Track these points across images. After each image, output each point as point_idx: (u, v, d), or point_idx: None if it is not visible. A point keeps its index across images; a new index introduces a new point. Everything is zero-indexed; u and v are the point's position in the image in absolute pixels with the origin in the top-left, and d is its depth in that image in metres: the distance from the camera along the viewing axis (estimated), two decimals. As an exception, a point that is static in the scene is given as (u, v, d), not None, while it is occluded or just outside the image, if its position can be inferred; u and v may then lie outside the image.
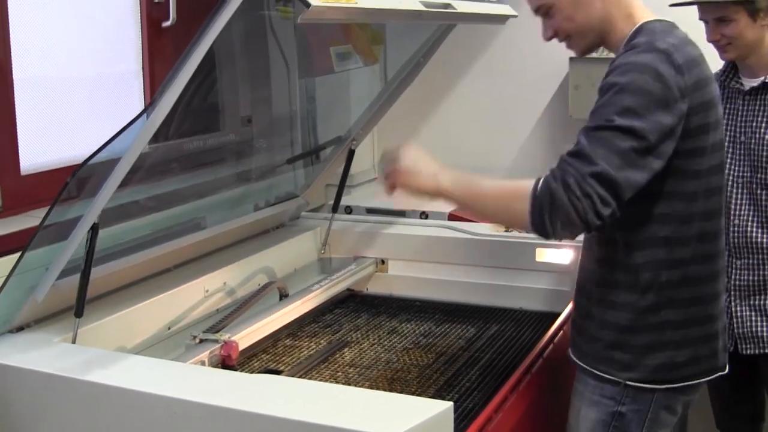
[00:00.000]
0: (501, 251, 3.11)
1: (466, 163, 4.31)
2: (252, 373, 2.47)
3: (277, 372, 2.45)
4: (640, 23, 2.18)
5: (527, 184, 2.09)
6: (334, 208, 3.27)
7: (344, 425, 1.66)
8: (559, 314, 2.75)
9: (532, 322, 2.93)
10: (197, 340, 2.42)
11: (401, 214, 3.59)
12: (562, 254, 3.03)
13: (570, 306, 2.77)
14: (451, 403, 1.77)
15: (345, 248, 3.30)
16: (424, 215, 3.57)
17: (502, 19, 3.04)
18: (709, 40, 2.90)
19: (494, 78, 4.29)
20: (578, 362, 2.30)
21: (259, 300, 2.73)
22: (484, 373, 2.52)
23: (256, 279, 2.88)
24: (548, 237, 2.08)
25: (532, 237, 3.06)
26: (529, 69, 4.22)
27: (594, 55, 4.00)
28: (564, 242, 3.02)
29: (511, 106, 4.29)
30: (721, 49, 2.90)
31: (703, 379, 2.23)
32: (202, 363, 2.33)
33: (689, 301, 2.17)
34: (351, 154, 3.20)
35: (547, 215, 2.03)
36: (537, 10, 2.34)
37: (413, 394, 2.36)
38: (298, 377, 2.45)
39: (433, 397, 2.34)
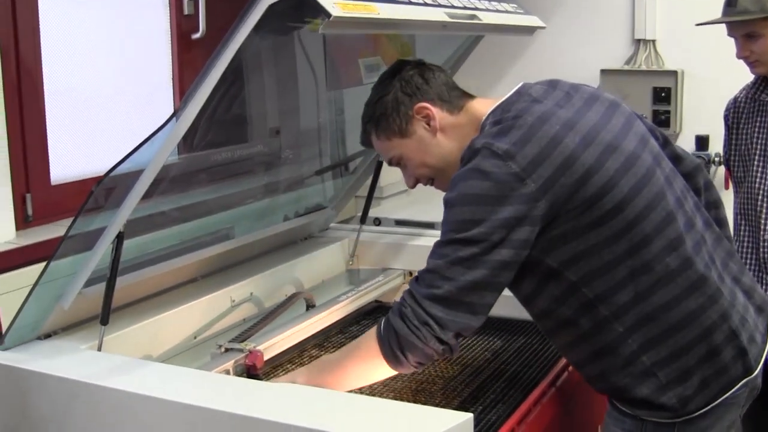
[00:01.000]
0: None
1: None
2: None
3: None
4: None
5: (369, 332, 2.11)
6: (363, 220, 3.27)
7: (361, 435, 1.67)
8: (586, 327, 2.73)
9: (559, 334, 2.91)
10: (223, 349, 2.43)
11: (430, 226, 3.59)
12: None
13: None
14: (471, 415, 1.77)
15: (373, 260, 3.30)
16: (452, 227, 3.56)
17: (529, 30, 3.04)
18: (739, 57, 2.89)
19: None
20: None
21: (286, 310, 2.74)
22: (509, 385, 2.51)
23: (283, 289, 2.89)
24: (408, 370, 2.09)
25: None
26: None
27: (626, 67, 4.04)
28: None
29: (541, 119, 4.28)
30: (752, 65, 2.89)
31: (723, 397, 2.12)
32: (227, 372, 2.34)
33: (661, 334, 2.07)
34: (379, 165, 3.19)
35: (399, 351, 2.03)
36: (389, 162, 2.33)
37: (437, 405, 2.36)
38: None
39: (457, 408, 2.34)
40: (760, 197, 2.91)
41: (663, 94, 3.91)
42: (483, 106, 2.18)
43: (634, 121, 2.20)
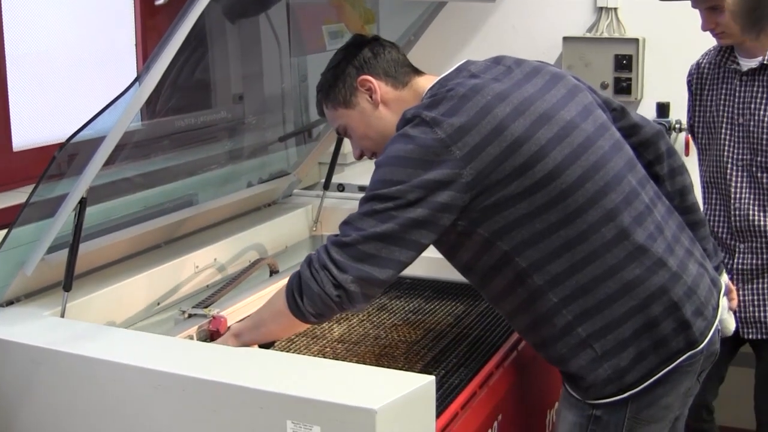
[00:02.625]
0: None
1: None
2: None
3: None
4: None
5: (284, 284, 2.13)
6: (326, 186, 3.27)
7: (324, 398, 1.68)
8: (547, 292, 2.76)
9: (521, 299, 2.94)
10: (186, 315, 2.44)
11: (393, 192, 3.60)
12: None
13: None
14: (433, 377, 1.79)
15: (336, 226, 3.22)
16: (415, 193, 3.57)
17: (492, -2, 3.05)
18: (704, 29, 2.89)
19: (487, 57, 4.29)
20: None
21: (249, 276, 2.76)
22: (471, 349, 2.53)
23: (246, 255, 2.90)
24: (306, 320, 2.09)
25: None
26: (522, 49, 4.18)
27: (588, 34, 4.05)
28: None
29: (504, 86, 4.28)
30: (718, 36, 2.88)
31: (666, 369, 2.11)
32: (191, 337, 2.36)
33: (596, 306, 2.08)
34: (343, 131, 3.21)
35: (297, 296, 2.05)
36: (337, 132, 2.39)
37: (400, 369, 2.37)
38: (287, 351, 2.47)
39: (419, 372, 2.35)
40: (729, 166, 2.91)
41: (624, 62, 3.93)
42: (426, 82, 2.23)
43: (579, 93, 2.21)
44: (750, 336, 2.97)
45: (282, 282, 2.74)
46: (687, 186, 2.46)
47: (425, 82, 2.24)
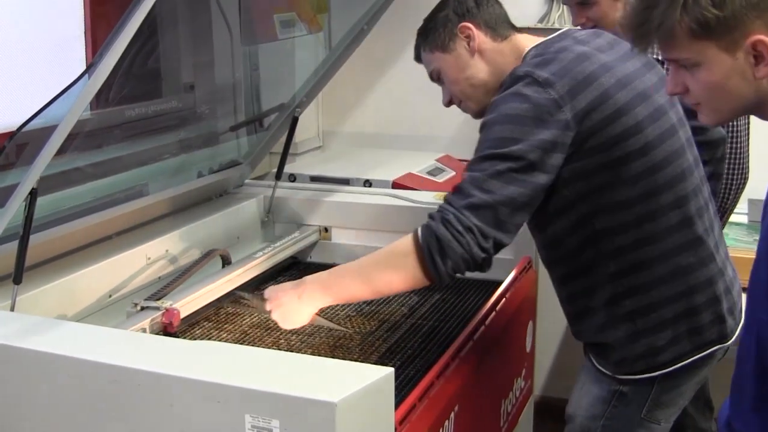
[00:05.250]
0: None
1: (411, 131, 4.35)
2: (194, 340, 2.47)
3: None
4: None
5: (405, 239, 2.12)
6: (278, 176, 3.25)
7: (283, 391, 1.66)
8: (501, 281, 2.77)
9: (475, 289, 2.94)
10: (138, 308, 2.41)
11: (345, 182, 3.59)
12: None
13: (513, 273, 2.81)
14: (392, 369, 1.77)
15: (288, 216, 3.29)
16: (368, 183, 3.57)
17: (446, -13, 3.02)
18: (575, 25, 2.88)
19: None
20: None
21: (202, 268, 2.72)
22: (426, 340, 2.53)
23: (198, 247, 2.86)
24: (441, 281, 2.11)
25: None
26: (474, 38, 4.22)
27: (539, 25, 4.05)
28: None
29: (455, 75, 4.28)
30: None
31: (695, 356, 2.21)
32: (144, 330, 2.32)
33: (648, 284, 2.17)
34: (295, 121, 3.18)
35: (438, 257, 2.06)
36: (431, 76, 2.44)
37: (355, 361, 2.37)
38: (240, 343, 2.46)
39: (375, 363, 2.33)
40: None
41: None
42: (527, 41, 2.29)
43: (665, 84, 2.28)
44: None
45: (235, 273, 2.76)
46: (715, 192, 2.60)
47: (526, 41, 2.29)
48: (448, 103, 2.44)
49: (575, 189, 2.13)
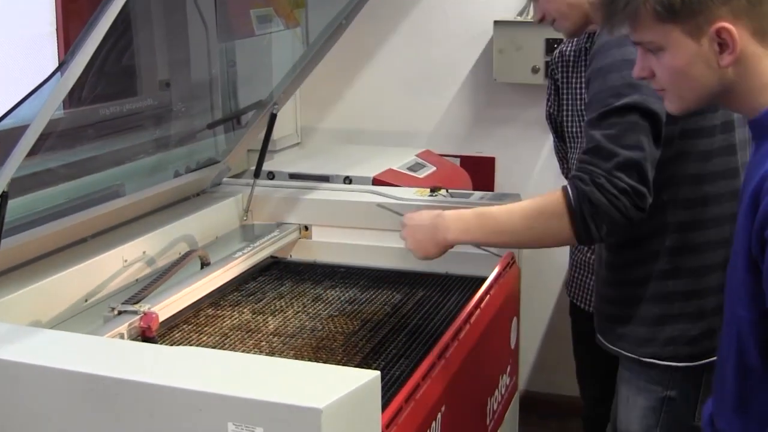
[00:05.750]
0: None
1: (390, 126, 4.32)
2: (173, 344, 2.42)
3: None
4: None
5: (555, 199, 2.07)
6: (256, 174, 3.20)
7: (267, 398, 1.62)
8: (485, 278, 2.73)
9: (459, 286, 2.91)
10: (115, 312, 2.35)
11: (325, 179, 3.54)
12: (487, 218, 3.00)
13: (496, 269, 2.77)
14: (378, 373, 1.74)
15: (267, 214, 3.24)
16: (348, 180, 3.52)
17: (425, -20, 3.00)
18: (537, 21, 2.81)
19: (418, 41, 4.25)
20: (608, 345, 2.33)
21: (180, 269, 2.66)
22: (410, 339, 2.50)
23: (176, 248, 2.81)
24: (593, 243, 2.11)
25: (456, 201, 3.04)
26: (454, 32, 4.19)
27: (519, 18, 4.02)
28: (489, 206, 3.01)
29: (434, 70, 4.25)
30: (552, 24, 2.80)
31: None
32: (121, 336, 2.27)
33: (695, 269, 2.14)
34: (273, 118, 3.13)
35: (591, 222, 2.02)
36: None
37: (339, 362, 2.33)
38: (221, 347, 2.42)
39: (359, 365, 2.32)
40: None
41: (555, 45, 3.88)
42: None
43: None
44: None
45: (214, 274, 2.71)
46: None
47: None
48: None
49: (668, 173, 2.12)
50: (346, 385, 1.67)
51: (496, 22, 3.99)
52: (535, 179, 4.12)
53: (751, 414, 1.73)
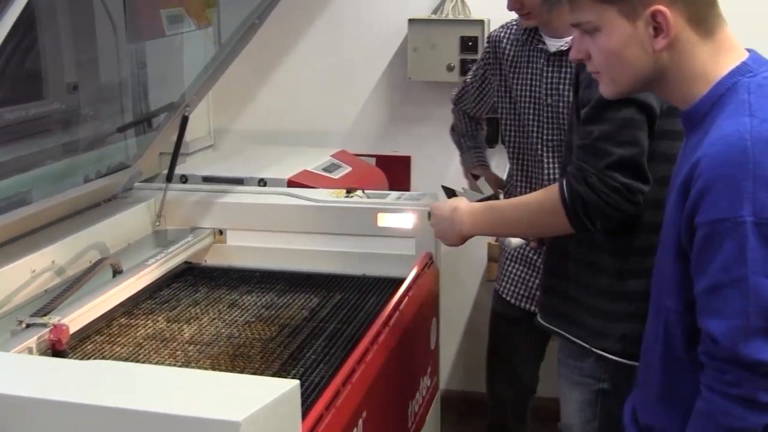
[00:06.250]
0: (341, 217, 3.05)
1: (305, 126, 4.28)
2: (85, 357, 2.35)
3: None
4: None
5: (551, 197, 2.15)
6: (169, 178, 3.13)
7: (184, 412, 1.57)
8: (403, 279, 2.72)
9: (377, 288, 2.90)
10: (23, 325, 2.28)
11: (239, 181, 3.49)
12: (403, 218, 3.00)
13: (414, 270, 2.75)
14: (297, 382, 1.71)
15: (181, 219, 3.18)
16: (262, 182, 3.47)
17: (339, -23, 2.97)
18: (510, 9, 2.84)
19: (331, 40, 4.21)
20: (550, 327, 2.35)
21: (91, 278, 2.60)
22: (329, 344, 2.47)
23: (87, 256, 2.73)
24: (592, 233, 2.14)
25: (372, 202, 3.02)
26: (368, 31, 4.16)
27: (433, 16, 4.01)
28: (405, 206, 3.00)
29: (349, 69, 4.22)
30: (524, 17, 2.84)
31: None
32: (29, 350, 2.20)
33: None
34: (185, 120, 3.08)
35: (585, 218, 2.09)
36: None
37: (257, 370, 2.30)
38: (135, 357, 2.36)
39: (277, 372, 2.28)
40: (539, 146, 2.88)
41: (470, 43, 3.89)
42: None
43: None
44: None
45: (127, 282, 2.65)
46: None
47: None
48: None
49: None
50: (264, 395, 1.64)
51: (410, 21, 3.98)
52: (451, 177, 4.10)
53: (676, 405, 1.75)
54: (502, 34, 3.03)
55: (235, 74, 3.37)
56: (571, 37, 2.70)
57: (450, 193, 2.57)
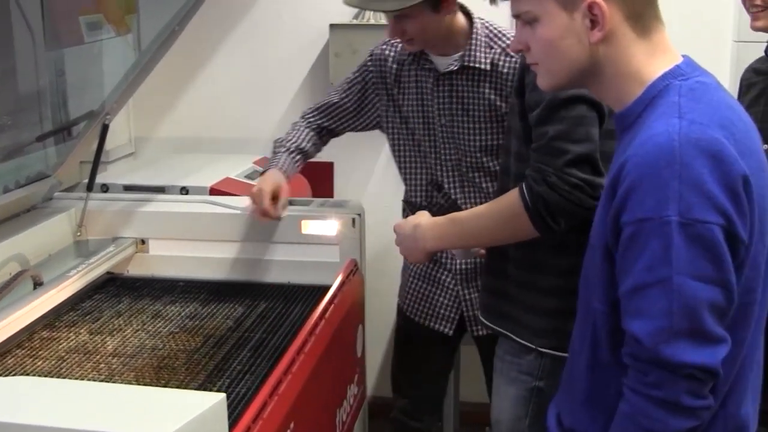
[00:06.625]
0: (265, 225, 3.03)
1: (227, 133, 4.25)
2: (6, 372, 2.31)
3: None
4: None
5: (513, 200, 2.16)
6: (89, 187, 3.09)
7: (107, 429, 1.55)
8: (328, 287, 2.71)
9: (302, 296, 2.89)
10: (-59, 341, 2.23)
11: (160, 190, 3.45)
12: (327, 226, 2.99)
13: (339, 278, 2.75)
14: (223, 395, 1.71)
15: (102, 229, 3.14)
16: (184, 190, 3.44)
17: (259, -15, 2.95)
18: (391, 37, 2.82)
19: (252, 46, 4.19)
20: (492, 326, 2.36)
21: (11, 291, 2.55)
22: (255, 354, 2.46)
23: (6, 268, 2.68)
24: (557, 234, 2.14)
25: (296, 209, 3.01)
26: (289, 36, 4.15)
27: (355, 21, 4.01)
28: (329, 214, 2.99)
29: (270, 75, 4.20)
30: (406, 43, 2.78)
31: None
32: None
33: None
34: (105, 129, 3.04)
35: (549, 219, 2.10)
36: None
37: (182, 382, 2.27)
38: (58, 371, 2.32)
39: (203, 384, 2.27)
40: (438, 165, 2.87)
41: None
42: None
43: None
44: (477, 333, 2.98)
45: (48, 294, 2.60)
46: None
47: None
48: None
49: None
50: (190, 410, 1.63)
51: (332, 26, 3.97)
52: (374, 184, 4.12)
53: (601, 408, 1.75)
54: (387, 52, 2.98)
55: (156, 81, 3.34)
56: (458, 54, 2.76)
57: (412, 207, 2.57)
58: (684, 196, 1.53)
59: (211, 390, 2.20)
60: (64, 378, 2.27)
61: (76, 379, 2.28)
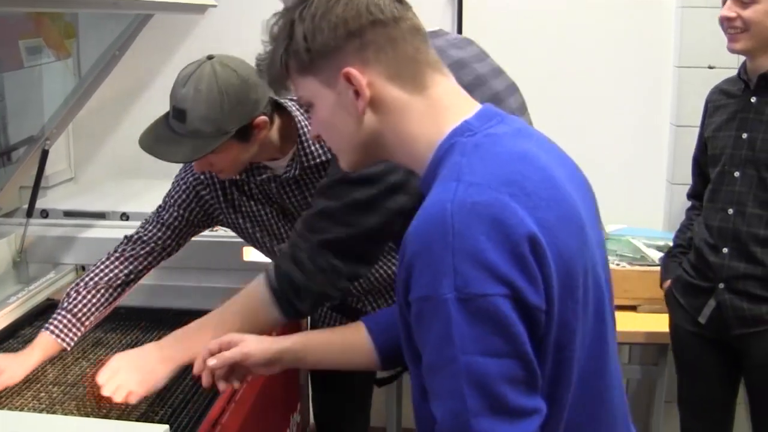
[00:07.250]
0: (207, 252, 3.03)
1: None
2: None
3: None
4: None
5: (259, 287, 2.02)
6: (29, 213, 3.07)
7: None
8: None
9: (242, 324, 2.85)
10: None
11: (101, 216, 3.42)
12: (270, 253, 2.98)
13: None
14: (166, 426, 1.72)
15: (43, 255, 3.11)
16: (125, 216, 3.41)
17: (201, 9, 2.98)
18: (200, 171, 2.57)
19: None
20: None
21: (-52, 319, 2.52)
22: (196, 384, 2.39)
23: (-56, 296, 2.65)
24: (302, 318, 2.09)
25: (238, 237, 3.00)
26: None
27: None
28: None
29: (212, 99, 4.19)
30: (218, 174, 2.54)
31: None
32: None
33: None
34: (45, 154, 3.03)
35: (295, 300, 1.97)
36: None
37: (123, 413, 2.23)
38: (-4, 402, 2.28)
39: (145, 414, 2.24)
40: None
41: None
42: None
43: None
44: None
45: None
46: None
47: None
48: None
49: None
50: (134, 444, 1.61)
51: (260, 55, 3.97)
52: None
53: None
54: (207, 181, 2.64)
55: (96, 105, 3.32)
56: (291, 152, 2.47)
57: None
58: (459, 270, 1.39)
59: (153, 420, 2.17)
60: (3, 408, 2.24)
61: (16, 408, 2.25)
